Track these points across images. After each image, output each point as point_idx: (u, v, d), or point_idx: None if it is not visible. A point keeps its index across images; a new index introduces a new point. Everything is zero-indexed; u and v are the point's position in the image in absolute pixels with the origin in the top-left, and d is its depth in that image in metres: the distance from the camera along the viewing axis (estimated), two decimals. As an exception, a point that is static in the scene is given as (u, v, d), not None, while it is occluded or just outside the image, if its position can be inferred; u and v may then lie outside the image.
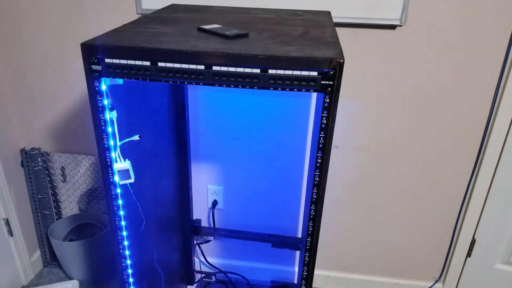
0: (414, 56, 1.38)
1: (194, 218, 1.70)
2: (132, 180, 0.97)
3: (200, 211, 1.75)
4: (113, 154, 0.94)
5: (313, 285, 1.70)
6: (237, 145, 1.59)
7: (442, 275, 1.77)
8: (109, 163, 0.93)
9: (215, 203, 1.72)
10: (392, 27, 1.34)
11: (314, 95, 1.43)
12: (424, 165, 1.56)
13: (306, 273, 1.01)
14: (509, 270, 1.69)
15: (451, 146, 1.51)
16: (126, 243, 1.06)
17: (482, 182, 1.56)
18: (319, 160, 0.86)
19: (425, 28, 1.33)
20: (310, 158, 1.38)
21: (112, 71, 0.81)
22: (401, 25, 1.33)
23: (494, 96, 1.41)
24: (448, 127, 1.48)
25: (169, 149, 1.39)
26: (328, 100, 0.79)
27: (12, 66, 1.59)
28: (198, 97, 1.52)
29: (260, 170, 1.63)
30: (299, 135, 1.53)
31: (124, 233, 1.04)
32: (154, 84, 1.17)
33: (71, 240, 1.80)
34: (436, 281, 1.78)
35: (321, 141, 0.84)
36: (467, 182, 1.57)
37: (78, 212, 1.84)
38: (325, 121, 0.81)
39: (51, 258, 1.88)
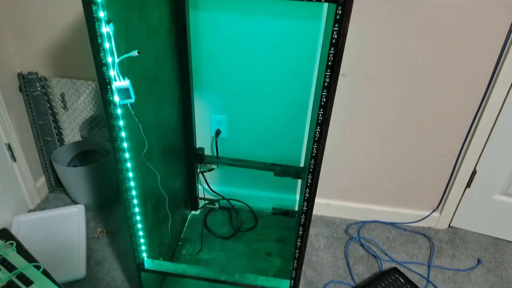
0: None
1: (197, 147, 1.70)
2: (132, 100, 0.94)
3: (203, 140, 1.75)
4: (111, 72, 0.91)
5: (313, 212, 1.74)
6: (241, 72, 1.54)
7: (440, 205, 1.80)
8: (107, 80, 0.90)
9: (218, 132, 1.70)
10: None
11: (325, 15, 1.35)
12: (431, 95, 1.52)
13: (308, 195, 1.02)
14: (507, 201, 1.72)
15: (461, 77, 1.46)
16: (129, 164, 1.06)
17: (488, 114, 1.53)
18: (327, 80, 0.83)
19: None
20: (317, 79, 1.34)
21: (107, -23, 0.75)
22: None
23: (510, 29, 1.33)
24: (458, 57, 1.42)
25: (171, 75, 1.35)
26: (340, 12, 0.74)
27: (2, -16, 1.50)
28: (200, 20, 1.44)
29: (264, 99, 1.59)
30: (307, 61, 1.47)
31: (127, 155, 1.04)
32: (154, 0, 1.10)
33: (75, 166, 1.82)
34: (434, 210, 1.82)
35: (331, 58, 0.80)
36: (474, 114, 1.54)
37: (81, 139, 1.84)
38: (336, 36, 0.77)
39: (56, 184, 1.91)
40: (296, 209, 1.87)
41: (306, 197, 1.02)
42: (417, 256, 1.71)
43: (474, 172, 1.68)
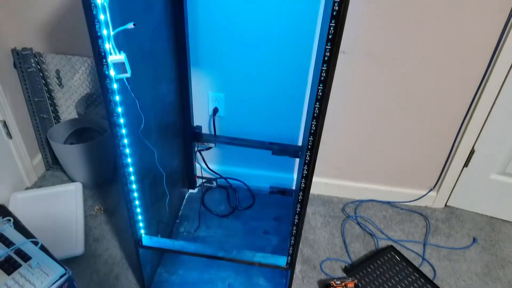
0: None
1: (194, 125, 1.68)
2: (128, 75, 0.93)
3: (200, 118, 1.73)
4: (107, 45, 0.89)
5: (311, 191, 1.74)
6: (239, 48, 1.51)
7: (437, 184, 1.81)
8: (103, 54, 0.88)
9: (216, 110, 1.69)
10: None
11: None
12: (431, 74, 1.50)
13: (306, 172, 1.01)
14: (504, 180, 1.72)
15: (461, 57, 1.45)
16: (126, 140, 1.05)
17: (488, 94, 1.52)
18: (327, 54, 0.81)
19: None
20: (317, 55, 1.32)
21: None
22: None
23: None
24: (459, 37, 1.40)
25: (167, 50, 1.32)
26: (341, -17, 0.72)
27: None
28: (197, -6, 1.41)
29: (263, 76, 1.57)
30: (306, 37, 1.45)
31: (123, 131, 1.03)
32: (149, -27, 1.07)
33: (71, 143, 1.80)
34: (431, 190, 1.82)
35: (331, 31, 0.78)
36: (473, 93, 1.53)
37: (77, 116, 1.82)
38: (337, 8, 0.75)
39: (53, 162, 1.90)
40: (294, 188, 1.87)
41: (304, 174, 1.02)
42: (413, 235, 1.72)
43: (472, 152, 1.68)
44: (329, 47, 0.79)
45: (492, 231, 1.76)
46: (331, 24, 0.76)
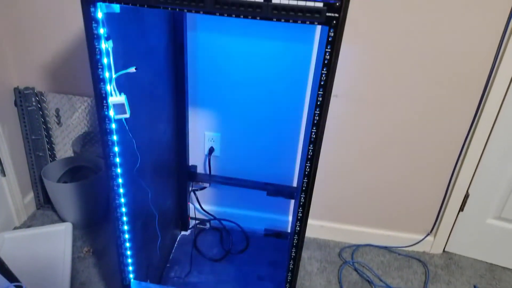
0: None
1: (190, 164, 1.69)
2: (127, 115, 0.94)
3: (196, 158, 1.74)
4: (108, 87, 0.91)
5: (307, 235, 1.72)
6: (236, 90, 1.55)
7: (434, 229, 1.79)
8: (104, 95, 0.90)
9: (211, 150, 1.70)
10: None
11: (317, 38, 1.38)
12: (423, 119, 1.53)
13: (301, 215, 1.00)
14: (500, 225, 1.71)
15: (450, 101, 1.48)
16: (120, 180, 1.04)
17: (479, 137, 1.54)
18: (320, 99, 0.83)
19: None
20: (310, 99, 1.35)
21: (107, -6, 0.76)
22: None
23: (498, 48, 1.36)
24: (448, 81, 1.45)
25: (166, 91, 1.35)
26: (332, 34, 0.75)
27: (5, 2, 1.51)
28: (197, 40, 1.46)
29: (258, 117, 1.60)
30: (299, 82, 1.49)
31: (119, 170, 1.03)
32: (153, 20, 1.12)
33: (65, 182, 1.79)
34: (428, 234, 1.80)
35: (323, 78, 0.80)
36: (464, 137, 1.56)
37: (73, 155, 1.82)
38: (328, 57, 0.78)
39: (44, 201, 1.88)
40: (289, 230, 1.84)
41: (299, 217, 1.01)
42: (412, 282, 1.68)
43: (466, 196, 1.68)
44: (321, 92, 0.82)
45: (493, 279, 1.72)
46: (323, 72, 0.79)
